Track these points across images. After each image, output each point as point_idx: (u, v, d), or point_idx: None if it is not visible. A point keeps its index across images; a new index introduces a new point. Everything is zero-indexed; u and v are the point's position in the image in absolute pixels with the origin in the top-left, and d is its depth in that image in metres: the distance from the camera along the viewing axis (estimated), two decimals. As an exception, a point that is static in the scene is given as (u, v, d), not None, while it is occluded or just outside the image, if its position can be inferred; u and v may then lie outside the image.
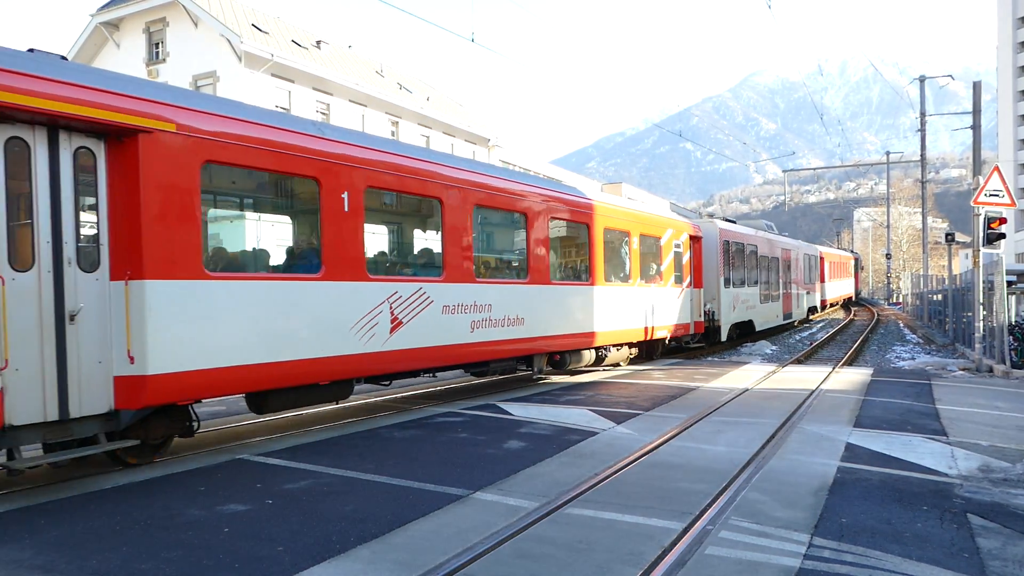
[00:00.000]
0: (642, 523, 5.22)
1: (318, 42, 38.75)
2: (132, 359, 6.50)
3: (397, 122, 40.07)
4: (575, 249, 14.17)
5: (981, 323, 16.30)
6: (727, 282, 21.35)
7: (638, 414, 9.76)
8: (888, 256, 62.33)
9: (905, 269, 69.80)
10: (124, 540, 4.91)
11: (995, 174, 15.25)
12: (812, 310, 36.91)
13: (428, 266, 10.49)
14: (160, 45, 34.02)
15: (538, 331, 12.34)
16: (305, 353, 8.09)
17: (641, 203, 21.40)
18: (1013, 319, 15.80)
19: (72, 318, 6.24)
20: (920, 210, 46.23)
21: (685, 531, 5.04)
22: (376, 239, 9.86)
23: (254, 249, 8.70)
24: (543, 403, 10.78)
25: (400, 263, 10.73)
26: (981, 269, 16.15)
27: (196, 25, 32.54)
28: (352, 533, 5.02)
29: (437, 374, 11.92)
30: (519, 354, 12.14)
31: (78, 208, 6.37)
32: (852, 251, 73.36)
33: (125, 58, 34.82)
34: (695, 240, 19.09)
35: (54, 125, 6.20)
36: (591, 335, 14.00)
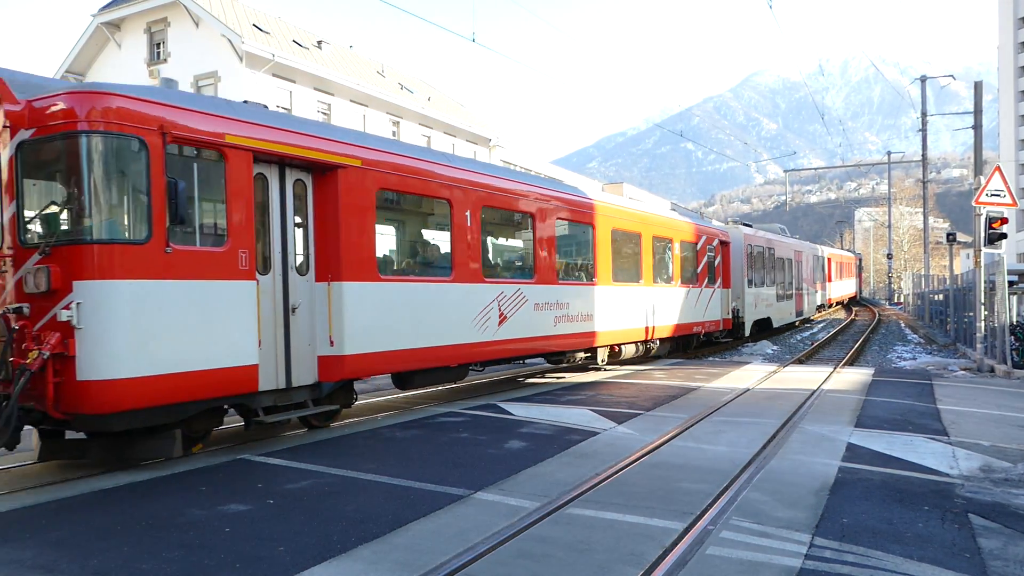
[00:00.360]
0: (643, 523, 5.22)
1: (319, 42, 38.75)
2: (332, 343, 8.51)
3: (398, 122, 40.07)
4: (630, 254, 15.89)
5: (982, 323, 16.29)
6: (750, 283, 23.41)
7: (639, 414, 9.76)
8: (889, 256, 62.22)
9: (906, 269, 69.77)
10: (125, 540, 4.91)
11: (996, 174, 15.24)
12: (820, 308, 38.79)
13: (523, 270, 12.51)
14: (161, 45, 34.03)
15: (602, 326, 14.33)
16: (441, 341, 10.13)
17: (672, 211, 22.99)
18: (1014, 319, 15.78)
19: (294, 310, 8.23)
20: (921, 210, 46.23)
21: (686, 531, 5.04)
22: (488, 248, 11.80)
23: (406, 256, 10.76)
24: (544, 403, 10.78)
25: (504, 268, 12.52)
26: (982, 269, 16.14)
27: (197, 25, 32.55)
28: (353, 533, 5.02)
29: (526, 361, 14.59)
30: (588, 346, 14.06)
31: (295, 226, 8.34)
32: (854, 252, 73.66)
33: (126, 58, 34.87)
34: (724, 245, 21.14)
35: (282, 163, 8.18)
36: (643, 330, 16.06)
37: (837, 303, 47.81)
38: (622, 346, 15.61)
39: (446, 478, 6.45)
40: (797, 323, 32.27)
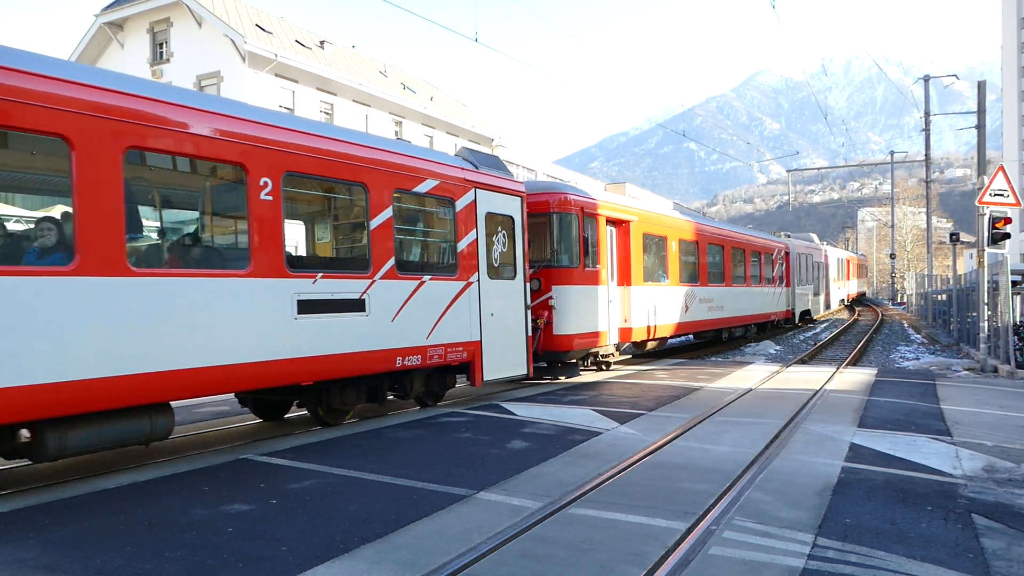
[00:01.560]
0: (646, 523, 5.21)
1: (322, 42, 38.77)
2: (625, 320, 15.30)
3: (401, 122, 40.08)
4: (742, 263, 23.17)
5: (986, 323, 16.26)
6: (798, 282, 30.43)
7: (641, 414, 9.75)
8: (892, 256, 62.11)
9: (909, 269, 69.61)
10: (128, 540, 4.92)
11: (1000, 174, 15.20)
12: (841, 302, 46.85)
13: (694, 277, 19.25)
14: (164, 45, 34.07)
15: (730, 314, 21.75)
16: (672, 320, 17.49)
17: (713, 216, 30.90)
18: (1018, 319, 15.74)
19: (610, 301, 14.71)
20: (924, 210, 46.14)
21: (689, 531, 5.04)
22: (682, 264, 18.39)
23: (651, 269, 16.62)
24: (546, 403, 10.78)
25: (687, 276, 18.74)
26: (986, 269, 16.11)
27: (200, 25, 32.58)
28: (356, 533, 5.03)
29: (693, 336, 22.93)
30: (717, 327, 21.38)
31: (610, 254, 14.90)
32: (858, 253, 74.33)
33: (129, 58, 34.90)
34: (787, 254, 28.83)
35: (608, 221, 14.74)
36: (750, 317, 23.74)
37: (851, 298, 53.79)
38: (734, 329, 23.19)
39: (449, 478, 6.46)
40: (799, 323, 32.97)
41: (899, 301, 57.97)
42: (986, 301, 16.20)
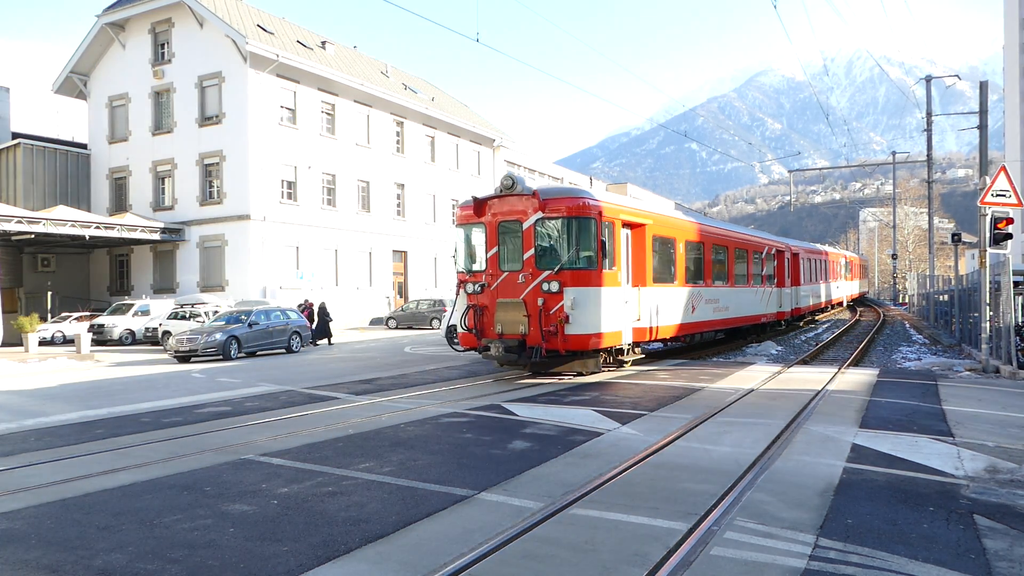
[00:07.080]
0: (647, 524, 5.21)
1: (323, 42, 38.79)
2: (782, 305, 26.16)
3: (402, 123, 40.07)
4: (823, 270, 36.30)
5: (988, 324, 16.23)
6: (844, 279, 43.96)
7: (643, 415, 9.75)
8: (894, 256, 62.03)
9: (911, 269, 69.55)
10: (130, 540, 4.93)
11: (1002, 174, 15.17)
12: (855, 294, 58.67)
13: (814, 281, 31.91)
14: (166, 46, 34.10)
15: (834, 297, 38.19)
16: (810, 303, 31.23)
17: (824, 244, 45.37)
18: (1020, 319, 15.70)
19: (771, 297, 25.45)
20: (926, 210, 46.14)
21: (690, 532, 5.04)
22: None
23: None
24: (548, 403, 10.78)
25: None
26: (988, 269, 16.08)
27: (202, 26, 32.62)
28: (357, 533, 5.03)
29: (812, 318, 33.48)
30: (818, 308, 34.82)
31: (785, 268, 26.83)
32: (860, 254, 74.94)
33: (131, 58, 34.93)
34: (842, 257, 42.65)
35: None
36: (829, 302, 36.51)
37: (861, 295, 60.71)
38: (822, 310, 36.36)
39: (450, 478, 6.46)
40: (801, 324, 33.70)
41: (901, 302, 57.90)
42: (988, 302, 16.17)
